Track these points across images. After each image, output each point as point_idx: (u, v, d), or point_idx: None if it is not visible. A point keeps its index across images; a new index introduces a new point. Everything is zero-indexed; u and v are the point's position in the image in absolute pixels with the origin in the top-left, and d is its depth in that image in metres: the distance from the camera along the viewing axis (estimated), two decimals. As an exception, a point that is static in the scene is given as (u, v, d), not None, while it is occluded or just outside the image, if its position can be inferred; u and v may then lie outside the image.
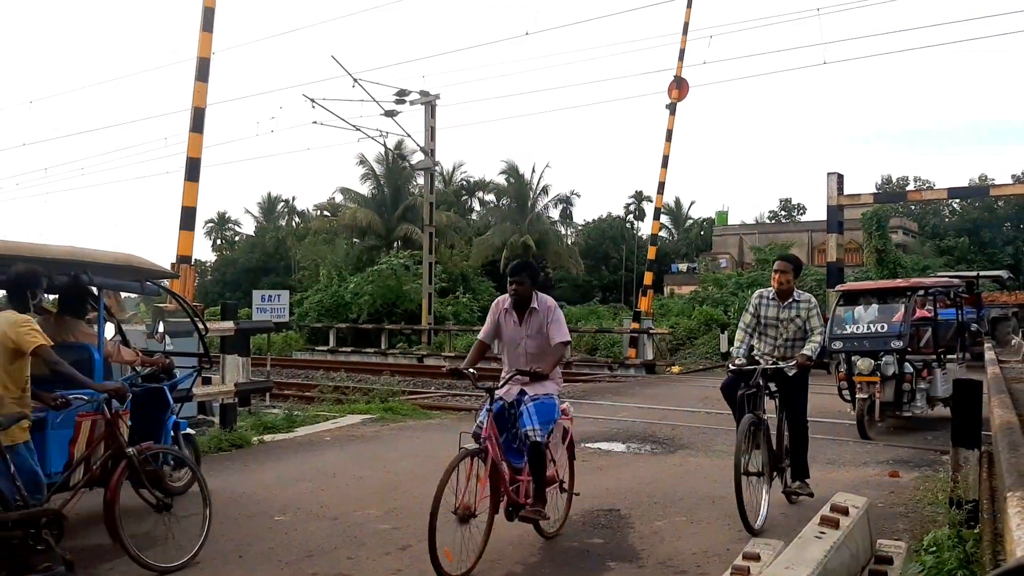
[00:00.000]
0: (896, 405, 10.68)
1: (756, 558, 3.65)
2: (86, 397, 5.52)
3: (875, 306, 11.74)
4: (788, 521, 6.20)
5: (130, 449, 5.39)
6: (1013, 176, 56.03)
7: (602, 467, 8.67)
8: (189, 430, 7.58)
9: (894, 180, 63.25)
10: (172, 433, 6.92)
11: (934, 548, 4.75)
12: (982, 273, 26.25)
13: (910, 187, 58.12)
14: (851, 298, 11.92)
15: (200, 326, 8.32)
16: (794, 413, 6.81)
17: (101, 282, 6.54)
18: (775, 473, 6.71)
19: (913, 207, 54.97)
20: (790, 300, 6.92)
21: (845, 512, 4.13)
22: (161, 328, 9.55)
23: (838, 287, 12.87)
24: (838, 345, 10.87)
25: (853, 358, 10.64)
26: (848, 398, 11.03)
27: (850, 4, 33.66)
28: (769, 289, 7.07)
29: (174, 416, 7.03)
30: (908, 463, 8.82)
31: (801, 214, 66.52)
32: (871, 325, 10.96)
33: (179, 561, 5.28)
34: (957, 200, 52.97)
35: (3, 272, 5.54)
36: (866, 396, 10.36)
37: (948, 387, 10.73)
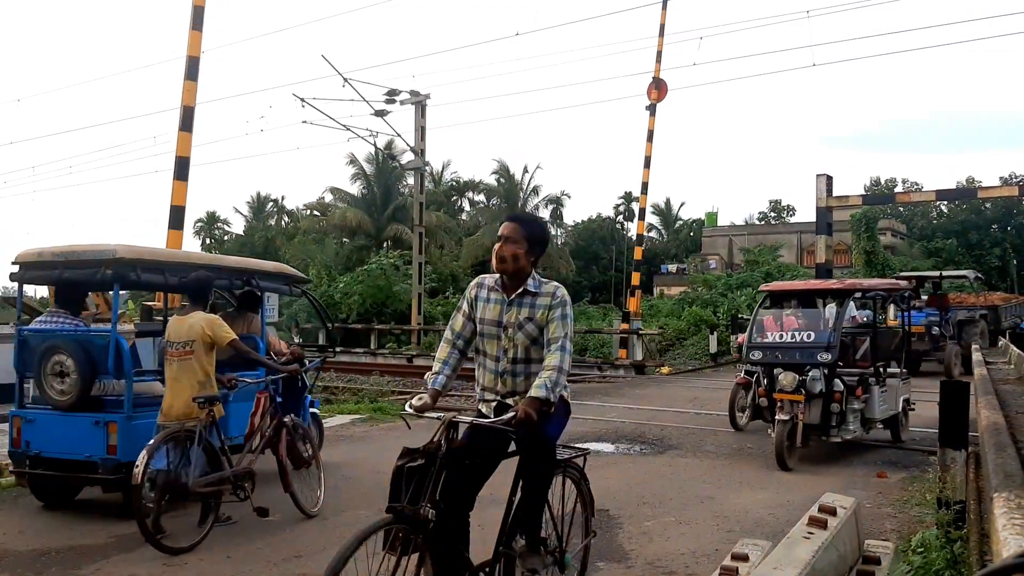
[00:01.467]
0: (823, 428, 9.05)
1: (744, 558, 3.66)
2: (253, 379, 6.81)
3: (803, 311, 10.23)
4: (776, 521, 6.22)
5: (286, 418, 6.68)
6: (1000, 178, 56.45)
7: (591, 467, 8.64)
8: (314, 409, 8.71)
9: (883, 182, 63.57)
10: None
11: (922, 548, 4.77)
12: (946, 273, 24.53)
13: (899, 189, 58.44)
14: (777, 300, 10.31)
15: (328, 324, 11.79)
16: (532, 488, 4.03)
17: (265, 286, 8.07)
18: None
19: (902, 209, 55.30)
20: (522, 291, 3.98)
21: (833, 513, 4.15)
22: (294, 326, 11.60)
23: (762, 286, 11.00)
24: (757, 356, 9.43)
25: (775, 371, 9.20)
26: (768, 419, 9.48)
27: (839, 6, 33.80)
28: (493, 275, 4.15)
29: (309, 396, 8.12)
30: (896, 464, 8.86)
31: (790, 216, 66.77)
32: (797, 333, 9.35)
33: (316, 508, 6.72)
34: (945, 202, 53.28)
35: (184, 277, 6.80)
36: (787, 417, 8.68)
37: (887, 407, 9.63)
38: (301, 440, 6.85)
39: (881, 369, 9.70)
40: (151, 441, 5.67)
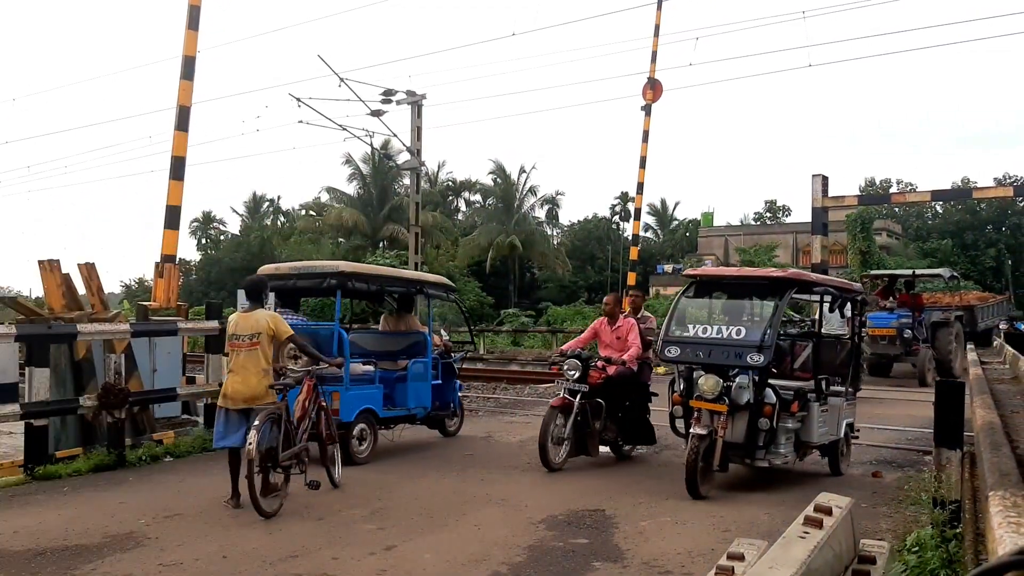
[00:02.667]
0: (747, 448, 7.46)
1: (740, 558, 3.66)
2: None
3: (736, 304, 8.89)
4: (772, 521, 6.23)
5: (324, 402, 7.64)
6: (995, 179, 56.59)
7: (587, 467, 8.69)
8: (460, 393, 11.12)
9: (878, 182, 63.69)
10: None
11: (917, 548, 4.79)
12: (919, 271, 22.72)
13: (894, 189, 58.54)
14: (705, 289, 8.50)
15: (470, 325, 13.94)
16: None
17: (432, 293, 10.41)
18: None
19: (897, 209, 55.40)
20: None
21: (829, 512, 4.15)
22: (442, 327, 13.64)
23: (687, 271, 9.31)
24: (673, 352, 7.69)
25: (694, 374, 7.67)
26: (680, 432, 7.98)
27: (835, 7, 33.88)
28: None
29: (458, 381, 10.94)
30: (891, 463, 8.89)
31: (786, 216, 66.82)
32: (724, 329, 7.71)
33: (338, 479, 7.64)
34: (940, 203, 53.41)
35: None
36: (705, 432, 7.14)
37: (827, 430, 8.09)
38: (326, 423, 7.71)
39: (824, 384, 8.15)
40: (256, 421, 6.53)
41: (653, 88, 24.03)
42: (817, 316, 13.18)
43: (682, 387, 7.83)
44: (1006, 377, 11.00)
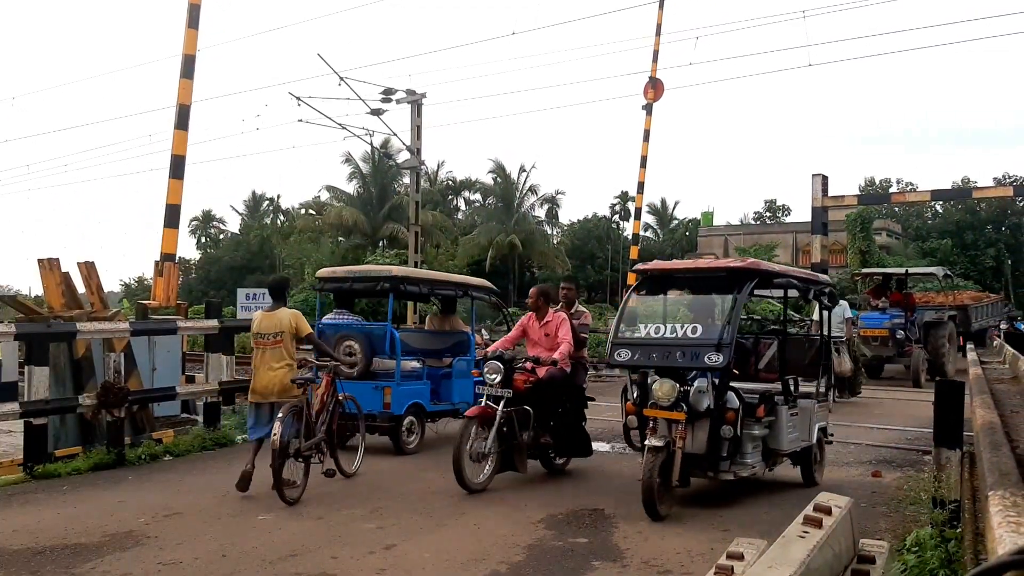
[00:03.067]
0: (710, 460, 6.67)
1: (740, 557, 3.66)
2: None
3: (692, 300, 8.30)
4: (772, 520, 6.22)
5: (341, 395, 8.05)
6: (995, 179, 56.60)
7: (586, 467, 8.68)
8: None
9: (877, 182, 63.68)
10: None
11: (916, 548, 4.78)
12: (912, 269, 22.26)
13: (893, 189, 58.53)
14: (658, 285, 7.76)
15: (508, 325, 14.18)
16: None
17: (476, 296, 11.03)
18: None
19: (897, 209, 55.38)
20: None
21: (828, 512, 4.15)
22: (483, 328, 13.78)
23: (638, 265, 8.22)
24: (623, 356, 6.93)
25: (649, 379, 6.85)
26: (636, 444, 7.08)
27: (835, 7, 33.86)
28: None
29: None
30: (890, 463, 8.89)
31: (786, 215, 66.83)
32: (679, 328, 7.00)
33: (353, 469, 8.10)
34: (940, 202, 53.41)
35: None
36: (662, 444, 6.39)
37: (798, 436, 7.43)
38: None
39: (792, 385, 7.48)
40: (280, 414, 6.94)
41: (654, 87, 24.01)
42: (816, 317, 12.85)
43: (635, 394, 6.96)
44: (1006, 377, 10.98)
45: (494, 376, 7.58)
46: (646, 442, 6.55)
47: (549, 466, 8.33)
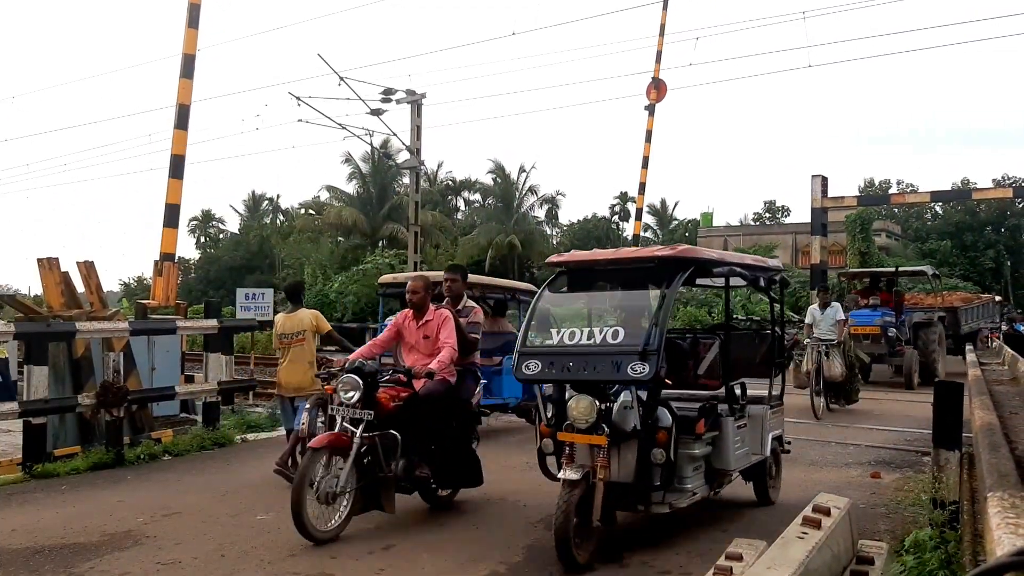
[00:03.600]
0: (640, 491, 5.52)
1: (739, 558, 3.66)
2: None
3: (615, 297, 7.08)
4: (771, 521, 6.22)
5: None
6: (994, 180, 56.62)
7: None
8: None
9: (877, 183, 63.71)
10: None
11: (915, 549, 4.78)
12: (902, 268, 21.70)
13: (893, 190, 58.55)
14: (579, 280, 6.47)
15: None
16: None
17: (523, 299, 11.99)
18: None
19: (896, 210, 55.47)
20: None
21: (827, 513, 4.15)
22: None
23: (552, 256, 6.56)
24: (531, 369, 5.63)
25: (567, 395, 5.71)
26: (551, 474, 5.75)
27: (835, 8, 33.85)
28: None
29: None
30: (890, 464, 8.88)
31: (785, 216, 66.88)
32: (598, 332, 5.65)
33: None
34: (939, 203, 53.43)
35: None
36: (579, 476, 5.23)
37: (748, 450, 6.42)
38: None
39: (739, 391, 6.39)
40: (307, 405, 7.39)
41: (657, 88, 24.01)
42: (809, 317, 12.97)
43: (550, 414, 5.73)
44: (1005, 378, 10.99)
45: (351, 394, 6.03)
46: (561, 473, 5.35)
47: (432, 500, 6.80)
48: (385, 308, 11.70)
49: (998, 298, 29.48)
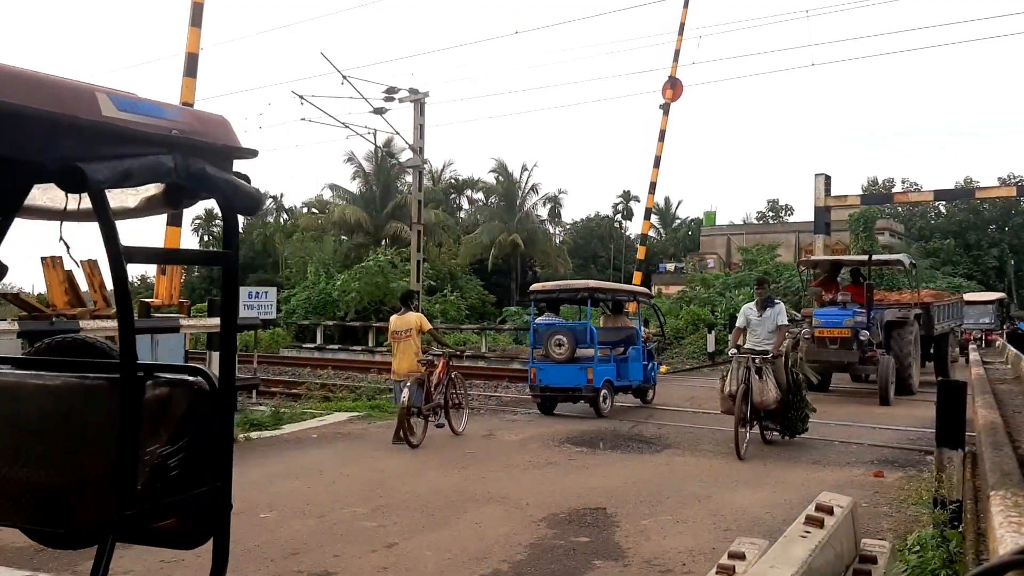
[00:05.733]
0: None
1: (741, 557, 3.66)
2: (437, 353, 11.00)
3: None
4: (773, 520, 6.22)
5: (453, 374, 10.65)
6: (999, 179, 56.50)
7: (588, 466, 8.69)
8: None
9: (880, 182, 63.60)
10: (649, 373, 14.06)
11: (918, 548, 4.78)
12: (877, 257, 18.43)
13: (896, 189, 58.46)
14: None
15: (661, 322, 17.54)
16: None
17: (642, 300, 15.59)
18: None
19: (899, 209, 55.32)
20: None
21: (830, 512, 4.15)
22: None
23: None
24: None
25: None
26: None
27: (838, 6, 33.82)
28: None
29: (656, 363, 14.99)
30: (892, 463, 8.87)
31: (788, 215, 66.79)
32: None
33: (461, 429, 10.58)
34: (943, 202, 53.32)
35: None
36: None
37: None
38: (457, 390, 10.77)
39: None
40: (408, 383, 9.79)
41: (673, 87, 23.74)
42: (741, 318, 10.18)
43: None
44: (1008, 378, 10.99)
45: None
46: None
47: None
48: (537, 310, 14.93)
49: (996, 296, 28.68)
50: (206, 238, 70.45)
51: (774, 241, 46.17)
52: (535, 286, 14.48)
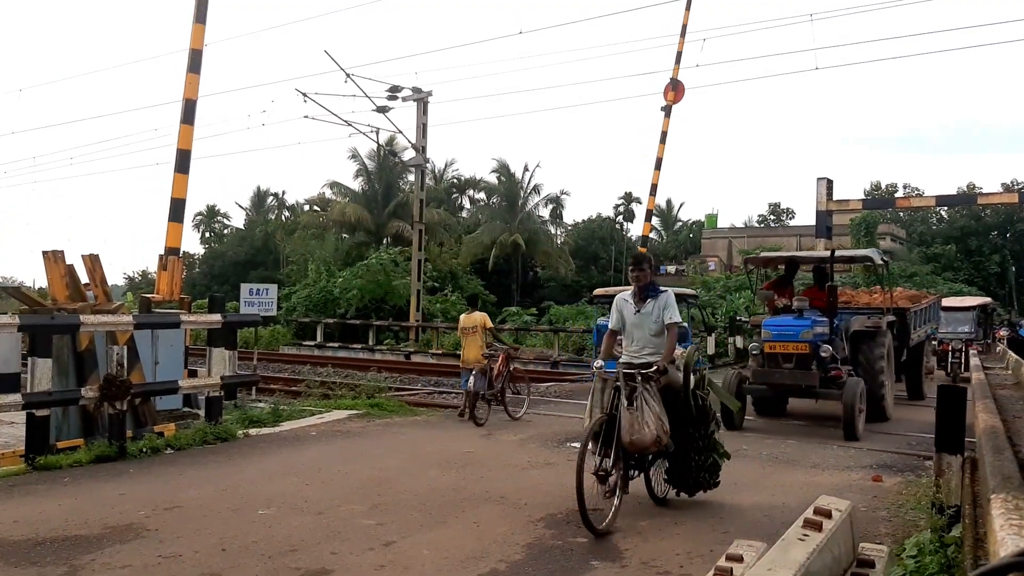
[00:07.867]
0: None
1: (739, 559, 3.66)
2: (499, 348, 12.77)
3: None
4: (772, 523, 6.22)
5: (513, 366, 12.68)
6: (1001, 184, 56.50)
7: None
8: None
9: (883, 187, 63.62)
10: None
11: (916, 552, 4.77)
12: (841, 253, 15.27)
13: (899, 194, 58.47)
14: None
15: (705, 323, 19.82)
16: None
17: (691, 302, 16.62)
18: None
19: (901, 214, 55.38)
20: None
21: (828, 515, 4.15)
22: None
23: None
24: None
25: None
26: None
27: (842, 10, 33.80)
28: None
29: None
30: (891, 468, 8.87)
31: (790, 219, 66.90)
32: None
33: (519, 415, 12.29)
34: (945, 208, 53.32)
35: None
36: None
37: None
38: (517, 383, 12.90)
39: None
40: (474, 372, 11.96)
41: (675, 89, 23.86)
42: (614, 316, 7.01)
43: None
44: (1008, 383, 10.98)
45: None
46: None
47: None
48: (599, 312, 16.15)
49: (978, 301, 26.58)
50: (207, 234, 70.55)
51: (776, 244, 46.20)
52: (597, 292, 17.09)
